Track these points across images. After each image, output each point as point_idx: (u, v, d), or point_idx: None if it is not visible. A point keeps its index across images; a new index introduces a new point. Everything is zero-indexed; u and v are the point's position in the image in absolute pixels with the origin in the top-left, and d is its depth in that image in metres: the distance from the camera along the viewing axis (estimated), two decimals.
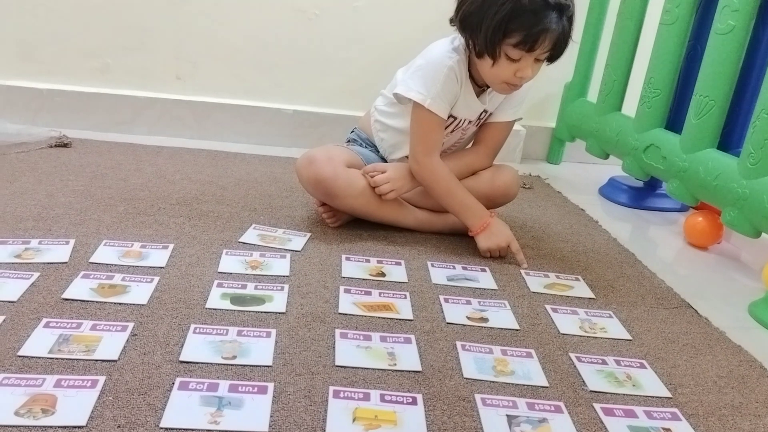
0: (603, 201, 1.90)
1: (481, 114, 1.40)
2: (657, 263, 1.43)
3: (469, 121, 1.40)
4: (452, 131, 1.40)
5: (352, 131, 1.55)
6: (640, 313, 1.18)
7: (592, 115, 1.98)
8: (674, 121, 1.70)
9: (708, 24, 1.55)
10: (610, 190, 1.94)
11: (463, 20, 1.24)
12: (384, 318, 1.06)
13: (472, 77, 1.33)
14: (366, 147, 1.49)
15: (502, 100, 1.41)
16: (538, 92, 2.23)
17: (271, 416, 0.79)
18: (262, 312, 1.03)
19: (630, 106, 1.87)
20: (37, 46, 1.90)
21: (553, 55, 1.25)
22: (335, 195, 1.33)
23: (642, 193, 1.90)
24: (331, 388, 0.85)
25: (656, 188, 1.90)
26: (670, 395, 0.94)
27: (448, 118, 1.35)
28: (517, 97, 1.40)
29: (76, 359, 0.85)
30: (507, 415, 0.84)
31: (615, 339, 1.08)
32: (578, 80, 2.10)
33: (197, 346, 0.91)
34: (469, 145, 1.49)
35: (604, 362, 1.00)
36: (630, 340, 1.08)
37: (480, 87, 1.36)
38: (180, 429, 0.75)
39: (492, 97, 1.38)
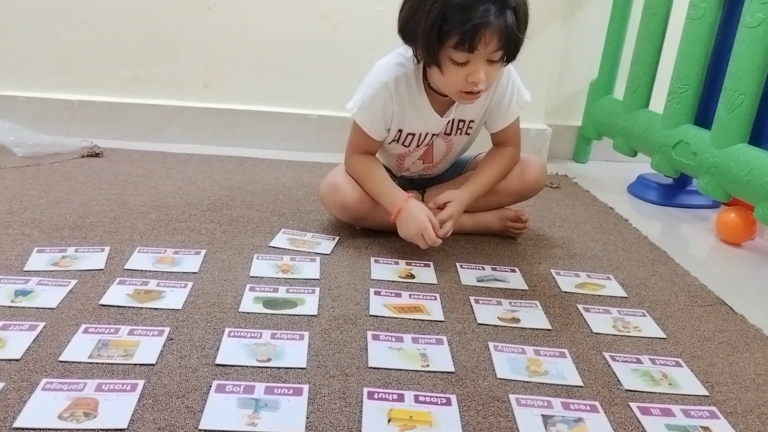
0: (632, 199, 1.88)
1: (458, 124, 1.32)
2: (689, 261, 1.41)
3: (446, 133, 1.33)
4: (417, 145, 1.34)
5: None
6: (673, 312, 1.17)
7: (619, 112, 1.96)
8: (703, 117, 1.68)
9: (736, 17, 1.53)
10: (639, 188, 1.91)
11: (402, 30, 1.18)
12: (415, 319, 1.06)
13: (434, 89, 1.26)
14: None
15: (489, 106, 1.33)
16: (564, 91, 2.23)
17: (307, 418, 0.80)
18: (294, 315, 1.04)
19: (658, 102, 1.85)
20: (68, 59, 1.94)
21: (508, 54, 1.15)
22: (364, 217, 1.34)
23: (672, 190, 1.87)
24: (366, 390, 0.86)
25: (686, 185, 1.88)
26: (708, 393, 0.93)
27: (404, 134, 1.31)
28: (505, 96, 1.32)
29: (116, 363, 0.87)
30: (542, 415, 0.84)
31: (649, 338, 1.07)
32: (604, 78, 2.08)
33: (232, 350, 0.92)
34: (464, 153, 1.46)
35: (639, 361, 0.99)
36: (664, 338, 1.07)
37: (445, 97, 1.26)
38: (218, 431, 0.76)
39: (463, 107, 1.29)
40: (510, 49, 1.14)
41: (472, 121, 1.35)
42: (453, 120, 1.32)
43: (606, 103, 2.06)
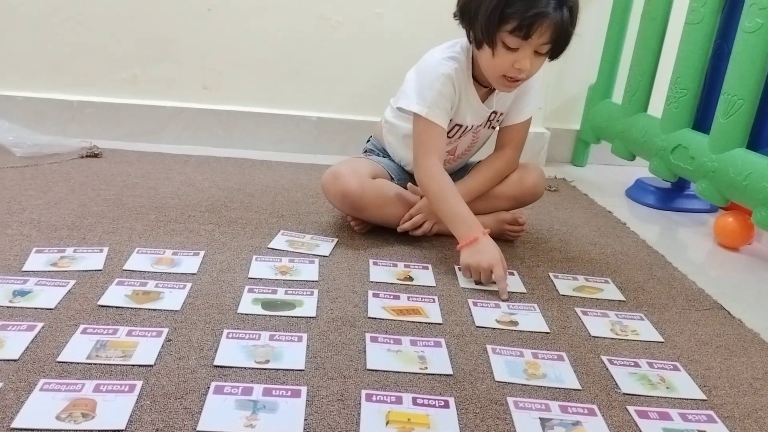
0: (630, 203, 1.89)
1: (490, 116, 1.38)
2: (687, 265, 1.41)
3: (479, 125, 1.39)
4: (460, 137, 1.39)
5: (368, 141, 1.56)
6: (671, 315, 1.17)
7: (617, 116, 1.97)
8: (702, 121, 1.69)
9: (734, 22, 1.53)
10: (637, 192, 1.92)
11: (462, 9, 1.23)
12: (413, 322, 1.06)
13: (476, 80, 1.32)
14: (384, 156, 1.50)
15: (513, 99, 1.39)
16: (562, 95, 2.23)
17: (305, 420, 0.80)
18: (292, 317, 1.04)
19: (656, 106, 1.85)
20: (67, 59, 1.94)
21: (555, 49, 1.20)
22: (363, 207, 1.33)
23: (670, 194, 1.88)
24: (364, 392, 0.86)
25: (684, 189, 1.88)
26: (705, 397, 0.93)
27: (454, 126, 1.35)
28: (528, 93, 1.39)
29: (114, 364, 0.87)
30: (540, 418, 0.84)
31: (647, 341, 1.07)
32: (602, 81, 2.09)
33: (231, 351, 0.92)
34: (481, 148, 1.48)
35: (636, 365, 0.99)
36: (662, 342, 1.07)
37: (485, 88, 1.34)
38: None
39: (500, 98, 1.36)
40: (559, 44, 1.19)
41: (501, 114, 1.39)
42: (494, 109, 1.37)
43: (605, 107, 2.06)
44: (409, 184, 1.40)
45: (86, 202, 1.45)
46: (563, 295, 1.21)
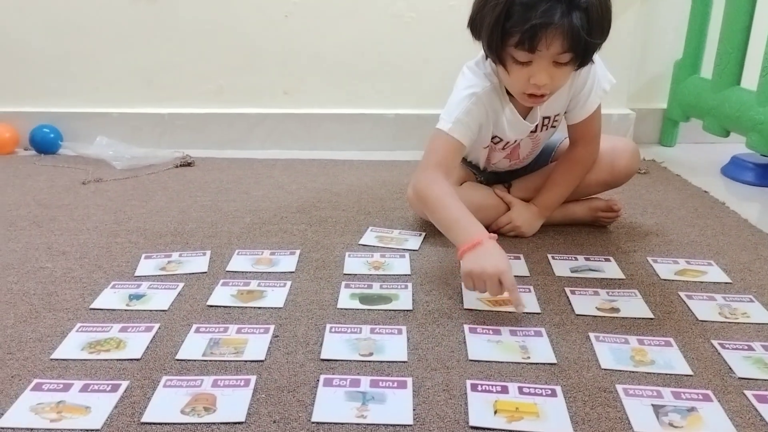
0: (727, 181, 1.80)
1: (544, 121, 1.29)
2: None
3: (531, 131, 1.30)
4: (503, 148, 1.32)
5: None
6: None
7: (707, 92, 1.88)
8: None
9: None
10: (733, 169, 1.83)
11: (471, 26, 1.15)
12: (511, 312, 1.05)
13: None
14: None
15: (568, 97, 1.27)
16: (646, 73, 2.15)
17: (414, 409, 0.81)
18: (390, 310, 1.06)
19: (750, 78, 1.76)
20: (156, 75, 2.05)
21: (577, 57, 1.08)
22: None
23: None
24: (468, 382, 0.86)
25: None
26: None
27: (496, 138, 1.29)
28: (584, 86, 1.26)
29: (228, 360, 0.91)
30: (653, 405, 0.82)
31: (759, 324, 1.02)
32: (689, 57, 2.00)
33: (335, 345, 0.95)
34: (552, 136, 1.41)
35: (750, 348, 0.95)
36: None
37: None
38: (330, 423, 0.79)
39: (548, 102, 1.23)
40: (579, 52, 1.07)
41: (558, 115, 1.31)
42: (540, 120, 1.29)
43: (693, 83, 1.98)
44: (495, 190, 1.38)
45: (185, 208, 1.52)
46: (665, 280, 1.17)
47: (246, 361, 0.91)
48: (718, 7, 1.88)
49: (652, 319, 1.04)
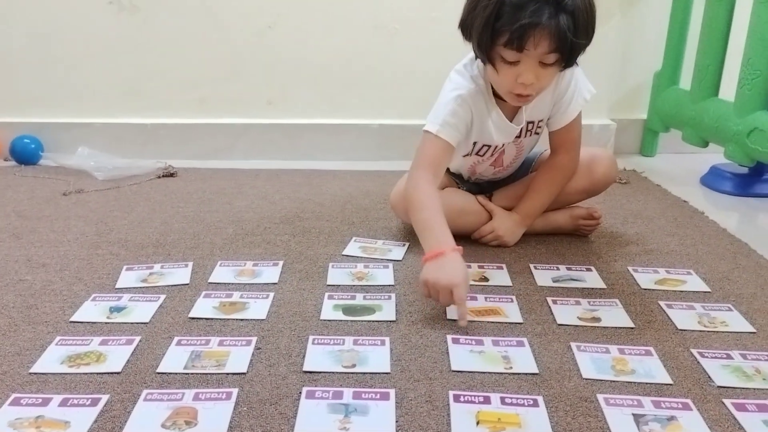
0: (706, 191, 1.83)
1: (528, 126, 1.32)
2: None
3: (516, 137, 1.32)
4: (492, 154, 1.34)
5: None
6: (761, 305, 1.13)
7: (686, 102, 1.91)
8: None
9: None
10: (712, 179, 1.86)
11: (461, 27, 1.18)
12: (493, 322, 1.06)
13: (500, 97, 1.25)
14: None
15: (551, 103, 1.30)
16: (626, 84, 2.18)
17: (397, 421, 0.81)
18: (373, 321, 1.06)
19: (728, 90, 1.79)
20: (139, 85, 2.04)
21: (563, 58, 1.11)
22: None
23: (748, 180, 1.81)
24: (451, 393, 0.87)
25: (763, 173, 1.81)
26: None
27: (482, 147, 1.31)
28: (566, 92, 1.29)
29: (210, 373, 0.91)
30: (633, 414, 0.83)
31: (738, 332, 1.04)
32: (668, 68, 2.04)
33: (318, 357, 0.95)
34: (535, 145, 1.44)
35: (729, 356, 0.96)
36: (754, 332, 1.04)
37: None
38: None
39: (533, 107, 1.28)
40: (565, 52, 1.10)
41: (541, 120, 1.34)
42: (524, 123, 1.31)
43: (672, 94, 2.01)
44: (478, 198, 1.40)
45: (167, 219, 1.51)
46: (645, 289, 1.18)
47: (228, 373, 0.91)
48: (696, 20, 1.91)
49: (632, 328, 1.05)
